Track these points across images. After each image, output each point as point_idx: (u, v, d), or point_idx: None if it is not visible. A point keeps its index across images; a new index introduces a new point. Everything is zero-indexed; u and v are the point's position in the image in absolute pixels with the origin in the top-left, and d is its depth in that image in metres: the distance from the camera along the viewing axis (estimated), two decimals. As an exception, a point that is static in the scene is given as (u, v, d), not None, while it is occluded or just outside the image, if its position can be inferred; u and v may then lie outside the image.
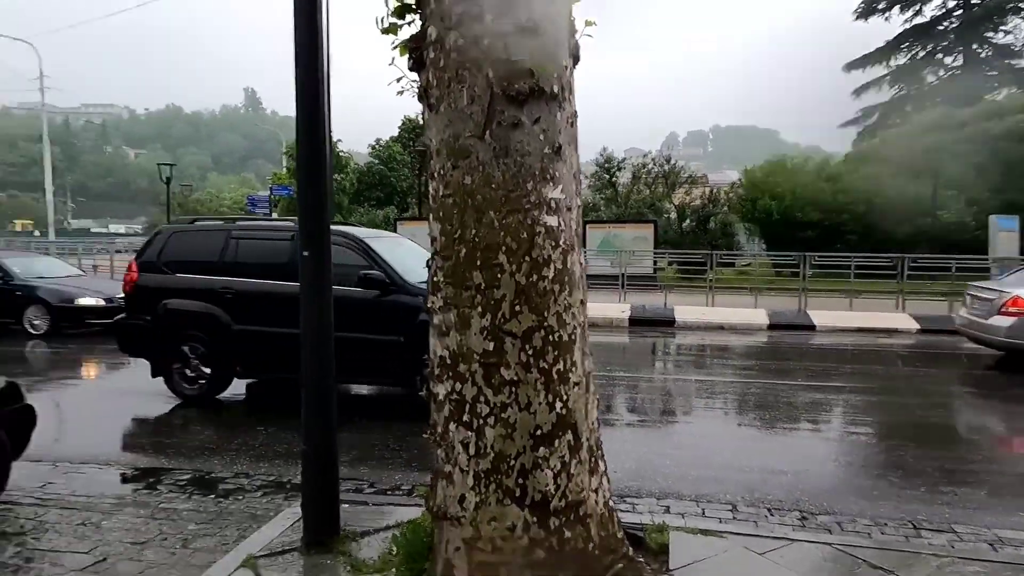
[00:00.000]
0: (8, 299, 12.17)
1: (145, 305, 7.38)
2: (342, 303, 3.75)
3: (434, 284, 2.83)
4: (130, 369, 8.89)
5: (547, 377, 2.72)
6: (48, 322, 12.03)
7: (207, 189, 72.51)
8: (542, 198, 2.68)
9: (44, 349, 11.14)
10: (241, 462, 5.36)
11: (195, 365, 7.23)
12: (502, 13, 2.54)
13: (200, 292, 7.13)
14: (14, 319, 12.14)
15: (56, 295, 12.16)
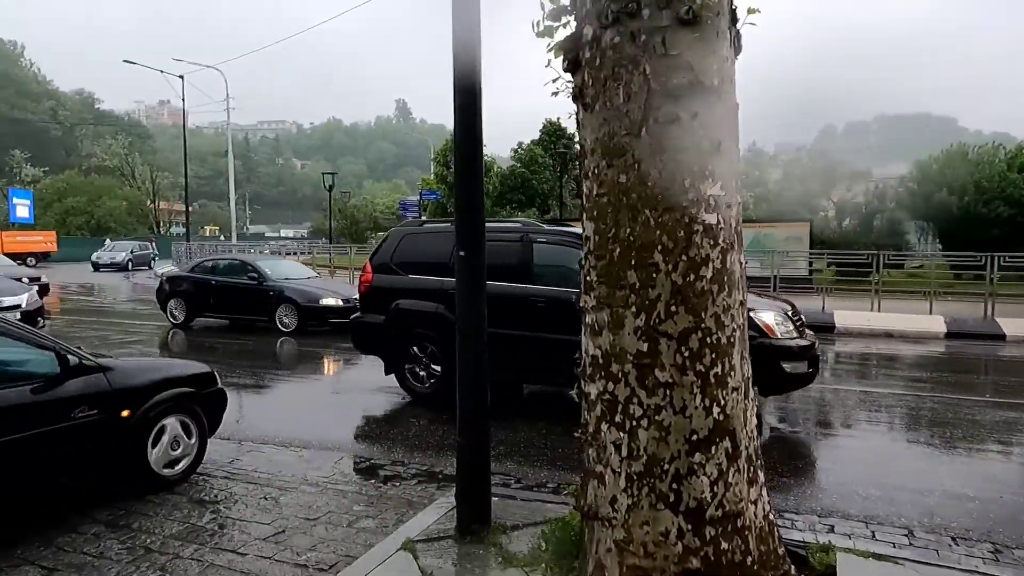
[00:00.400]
0: (262, 299, 13.31)
1: (378, 305, 7.55)
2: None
3: (587, 283, 2.83)
4: (363, 366, 9.53)
5: (704, 380, 2.63)
6: (296, 320, 12.94)
7: (363, 195, 77.86)
8: (700, 195, 2.59)
9: (292, 345, 11.96)
10: (397, 450, 5.69)
11: (425, 364, 7.35)
12: (661, 7, 2.49)
13: (431, 293, 7.17)
14: (267, 317, 13.24)
15: (303, 295, 13.07)
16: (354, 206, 55.48)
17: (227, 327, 13.96)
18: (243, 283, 13.68)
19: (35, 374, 3.85)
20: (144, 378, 4.45)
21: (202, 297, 13.96)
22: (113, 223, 61.54)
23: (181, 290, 14.18)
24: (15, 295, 11.15)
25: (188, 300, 14.04)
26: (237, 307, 13.79)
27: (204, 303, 14.01)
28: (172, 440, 4.54)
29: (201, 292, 13.96)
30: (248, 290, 13.54)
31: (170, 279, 14.79)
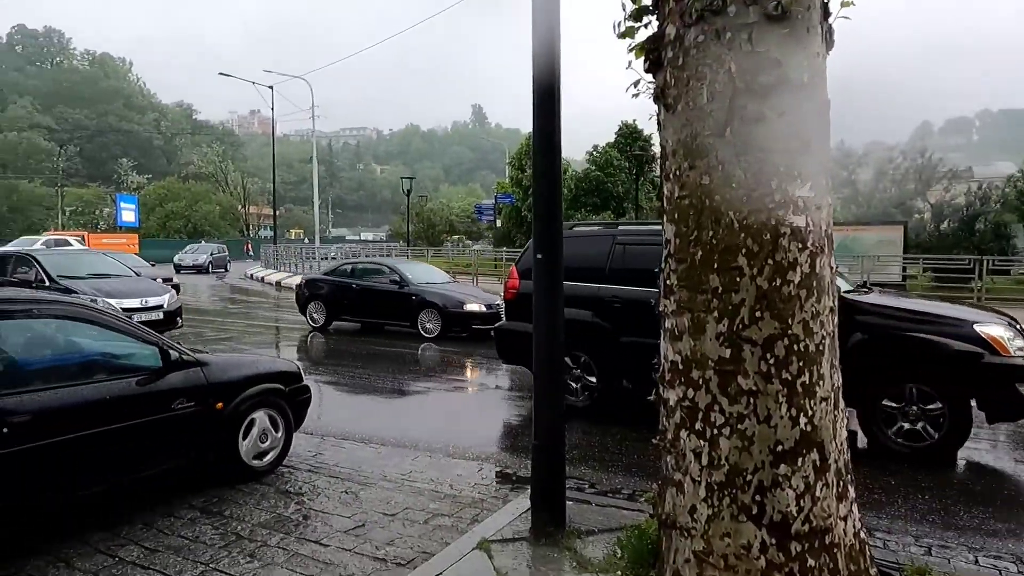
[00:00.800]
0: (405, 303, 13.06)
1: (526, 312, 7.18)
2: None
3: (666, 287, 2.78)
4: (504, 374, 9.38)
5: (790, 389, 2.52)
6: (439, 326, 12.61)
7: (439, 199, 79.46)
8: (788, 197, 2.50)
9: (434, 351, 11.74)
10: (473, 451, 5.76)
11: (579, 376, 7.03)
12: (748, 3, 2.41)
13: (584, 300, 6.78)
14: (408, 322, 13.01)
15: (446, 300, 12.74)
16: (430, 210, 56.63)
17: (367, 331, 13.84)
18: (385, 287, 13.48)
19: (140, 367, 4.13)
20: (237, 373, 4.69)
21: (342, 300, 13.87)
22: (208, 226, 65.27)
23: (321, 293, 14.13)
24: (158, 296, 11.55)
25: (328, 303, 13.97)
26: (378, 311, 13.57)
27: (344, 306, 13.91)
28: (261, 433, 4.76)
29: (341, 295, 13.88)
30: (390, 294, 13.31)
31: (309, 282, 14.76)
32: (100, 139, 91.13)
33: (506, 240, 40.96)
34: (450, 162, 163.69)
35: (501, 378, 9.30)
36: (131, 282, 12.12)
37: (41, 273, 11.23)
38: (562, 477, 3.66)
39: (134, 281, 12.32)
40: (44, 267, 11.35)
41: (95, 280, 11.53)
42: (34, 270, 11.36)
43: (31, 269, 11.41)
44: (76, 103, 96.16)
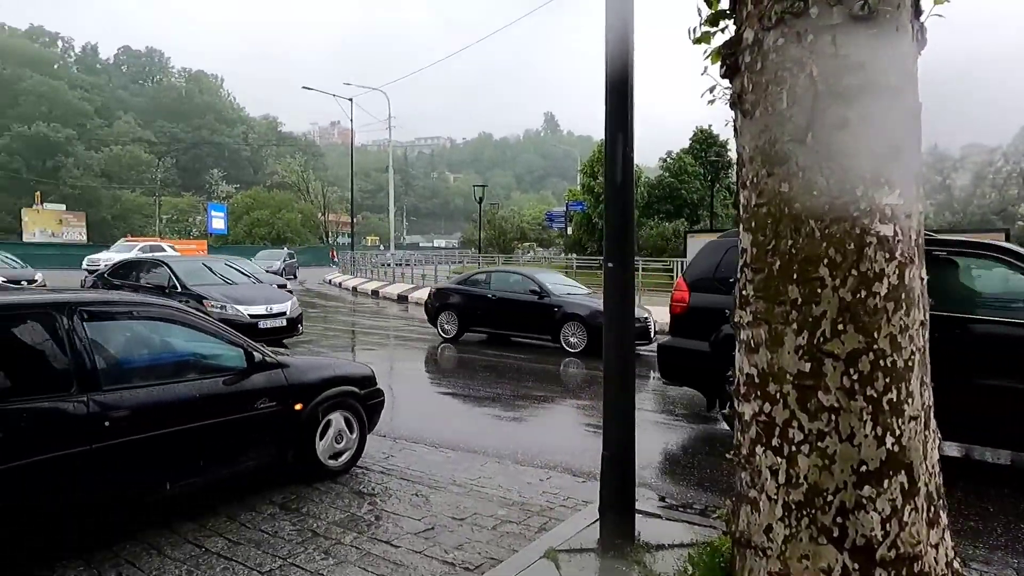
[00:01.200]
0: (546, 315, 12.18)
1: (697, 329, 6.55)
2: None
3: (742, 298, 2.70)
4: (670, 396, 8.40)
5: (875, 407, 2.40)
6: (585, 340, 11.55)
7: (511, 207, 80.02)
8: (874, 204, 2.38)
9: (580, 367, 10.71)
10: (540, 459, 5.75)
11: None
12: (831, 4, 2.33)
13: None
14: (550, 335, 12.13)
15: (592, 312, 11.49)
16: (502, 217, 57.11)
17: (502, 343, 13.01)
18: (524, 297, 12.61)
19: (226, 367, 4.35)
20: (315, 375, 4.86)
21: (475, 311, 13.19)
22: (290, 233, 68.11)
23: (452, 303, 13.50)
24: (281, 303, 11.50)
25: (460, 313, 13.32)
26: (516, 323, 12.73)
27: (477, 317, 13.23)
28: (336, 434, 4.92)
29: (475, 306, 13.19)
30: (530, 305, 12.43)
31: (439, 291, 14.06)
32: (194, 151, 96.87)
33: (577, 247, 40.80)
34: (522, 170, 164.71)
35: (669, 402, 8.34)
36: (256, 288, 12.29)
37: (174, 279, 11.47)
38: (632, 489, 3.61)
39: (258, 288, 12.50)
40: (177, 274, 11.59)
41: (223, 286, 11.72)
42: (167, 276, 11.61)
43: (165, 275, 11.67)
44: (173, 118, 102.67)
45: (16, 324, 3.54)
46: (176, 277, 11.49)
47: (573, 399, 8.86)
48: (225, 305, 10.76)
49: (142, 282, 11.90)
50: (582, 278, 21.60)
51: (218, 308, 10.67)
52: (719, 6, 2.85)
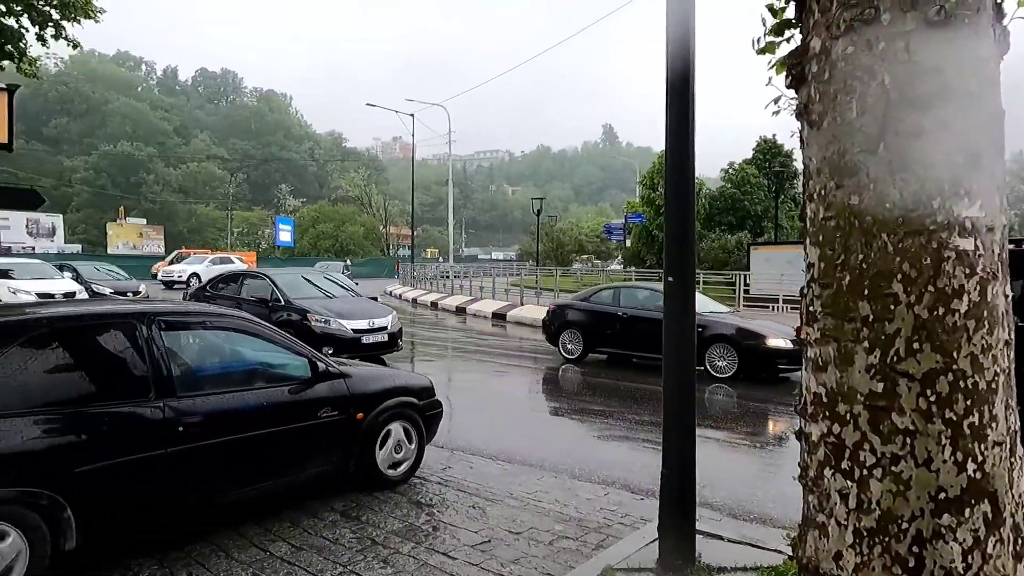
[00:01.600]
0: None
1: None
2: None
3: (809, 314, 2.60)
4: None
5: (955, 431, 2.27)
6: (735, 364, 10.27)
7: (568, 219, 79.92)
8: (953, 217, 2.26)
9: (728, 396, 9.56)
10: (600, 474, 5.68)
11: None
12: (904, 9, 2.24)
13: None
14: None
15: (740, 333, 10.45)
16: (560, 229, 57.11)
17: (635, 367, 11.71)
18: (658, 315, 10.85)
19: (292, 376, 4.50)
20: (375, 385, 4.96)
21: (603, 330, 11.97)
22: (353, 246, 69.97)
23: (576, 321, 12.40)
24: (383, 317, 11.27)
25: (585, 332, 12.20)
26: (650, 343, 10.85)
27: (604, 336, 11.99)
28: (396, 444, 5.00)
29: (602, 324, 11.98)
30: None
31: (561, 309, 12.95)
32: (264, 167, 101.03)
33: (636, 260, 40.35)
34: (580, 182, 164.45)
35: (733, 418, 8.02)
36: (357, 303, 12.01)
37: (277, 293, 11.34)
38: (692, 508, 3.52)
39: (359, 302, 12.24)
40: (280, 287, 11.43)
41: (324, 300, 11.54)
42: (269, 289, 11.47)
43: (267, 288, 11.56)
44: (245, 135, 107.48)
45: (101, 333, 3.76)
46: (279, 290, 11.37)
47: (740, 433, 7.46)
48: (328, 319, 10.56)
49: (243, 295, 11.83)
50: (641, 291, 21.34)
51: (321, 323, 10.53)
52: (784, 16, 2.78)
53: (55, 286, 16.96)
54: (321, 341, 10.09)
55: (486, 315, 21.45)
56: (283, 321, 10.57)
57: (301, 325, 10.47)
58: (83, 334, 3.75)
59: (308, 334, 10.10)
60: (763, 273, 23.09)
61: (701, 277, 20.10)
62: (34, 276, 17.56)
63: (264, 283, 11.72)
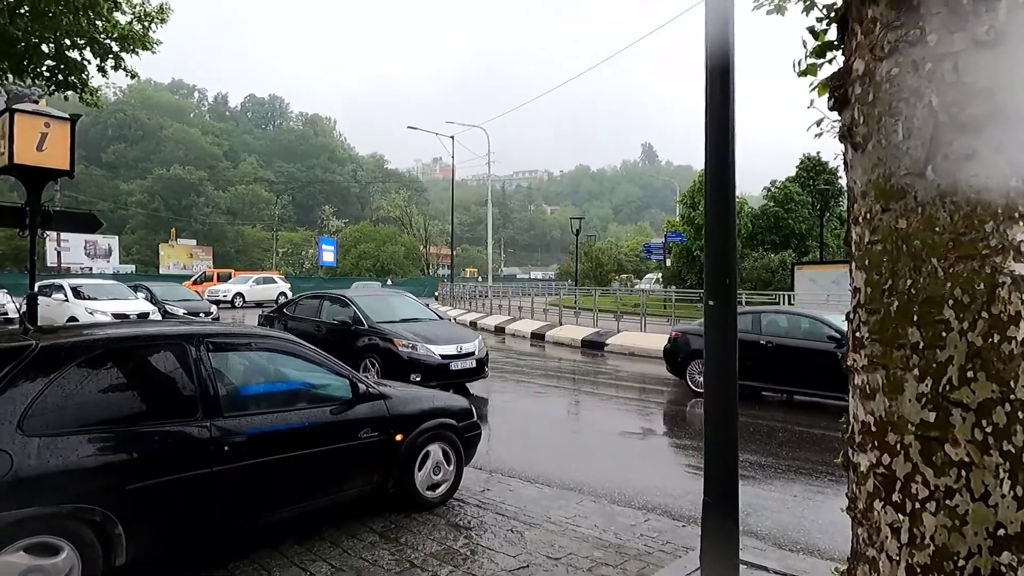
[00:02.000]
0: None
1: None
2: None
3: (856, 340, 2.54)
4: None
5: (1014, 464, 2.17)
6: None
7: (608, 238, 79.58)
8: (1007, 241, 2.19)
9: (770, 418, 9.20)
10: (640, 499, 5.59)
11: None
12: (952, 30, 2.19)
13: None
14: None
15: None
16: (599, 249, 56.87)
17: (764, 402, 10.42)
18: (815, 346, 9.80)
19: (334, 397, 4.56)
20: (415, 407, 5.00)
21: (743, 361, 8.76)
22: (393, 265, 70.94)
23: None
24: (470, 342, 10.66)
25: None
26: (802, 377, 9.89)
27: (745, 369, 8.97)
28: (435, 465, 5.01)
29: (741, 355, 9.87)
30: (825, 356, 9.46)
31: (686, 335, 11.48)
32: (308, 188, 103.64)
33: (676, 279, 39.87)
34: (619, 201, 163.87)
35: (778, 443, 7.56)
36: (443, 327, 11.41)
37: (360, 316, 10.76)
38: (735, 537, 3.42)
39: (445, 325, 11.65)
40: (363, 310, 10.86)
41: (409, 324, 10.85)
42: (352, 313, 10.91)
43: (349, 312, 10.98)
44: (291, 158, 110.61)
45: (153, 354, 3.89)
46: (362, 314, 10.79)
47: (785, 458, 7.15)
48: (415, 345, 9.97)
49: (324, 318, 11.39)
50: (681, 311, 21.06)
51: (408, 348, 9.97)
52: (825, 38, 2.75)
53: (130, 306, 17.44)
54: (408, 368, 9.69)
55: (525, 335, 21.43)
56: (367, 346, 10.27)
57: (387, 351, 10.03)
58: (135, 355, 3.89)
59: (394, 360, 9.82)
60: (808, 293, 22.57)
61: (744, 297, 19.72)
62: (110, 297, 18.12)
63: (345, 304, 11.17)
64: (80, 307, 17.00)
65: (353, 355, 10.03)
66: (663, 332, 15.54)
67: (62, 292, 17.97)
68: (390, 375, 9.30)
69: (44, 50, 12.19)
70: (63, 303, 17.52)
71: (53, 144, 7.38)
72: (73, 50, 12.40)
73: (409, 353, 9.90)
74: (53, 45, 12.18)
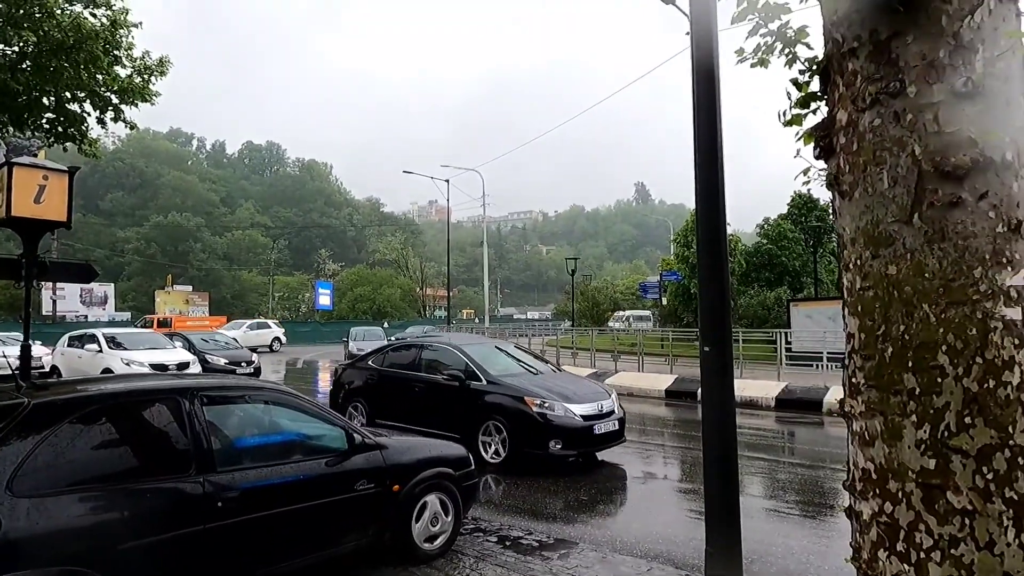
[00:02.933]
0: None
1: None
2: None
3: (852, 386, 2.53)
4: None
5: (1017, 511, 2.14)
6: None
7: (603, 277, 79.85)
8: (997, 286, 2.21)
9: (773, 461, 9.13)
10: (643, 546, 5.48)
11: None
12: (931, 82, 2.25)
13: None
14: None
15: None
16: (595, 288, 56.97)
17: None
18: None
19: (329, 448, 4.50)
20: (411, 456, 4.93)
21: None
22: (390, 308, 70.85)
23: None
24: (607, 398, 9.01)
25: None
26: None
27: None
28: (432, 516, 4.92)
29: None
30: None
31: None
32: (305, 233, 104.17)
33: (673, 318, 39.88)
34: (614, 240, 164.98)
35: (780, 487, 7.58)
36: (570, 380, 9.73)
37: (473, 367, 8.94)
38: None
39: (571, 379, 9.97)
40: (476, 361, 9.06)
41: (531, 377, 9.22)
42: (461, 363, 9.09)
43: (459, 363, 9.14)
44: (287, 203, 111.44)
45: (146, 409, 3.85)
46: (475, 365, 8.97)
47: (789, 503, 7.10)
48: (552, 403, 8.24)
49: (423, 370, 9.53)
50: (678, 350, 20.99)
51: (543, 408, 8.23)
52: (809, 89, 2.82)
53: (169, 356, 16.35)
54: (546, 433, 8.10)
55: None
56: (489, 407, 8.53)
57: (516, 412, 8.26)
58: (129, 411, 3.85)
59: (527, 424, 8.17)
60: (805, 330, 22.55)
61: (740, 335, 19.69)
62: (147, 346, 16.91)
63: (452, 355, 9.34)
64: (115, 358, 15.79)
65: (469, 418, 8.56)
66: (661, 371, 15.46)
67: (95, 343, 16.68)
68: (522, 442, 8.16)
69: (44, 103, 12.39)
70: (97, 354, 16.22)
71: (51, 196, 7.43)
72: (73, 103, 12.61)
73: (544, 413, 8.14)
74: (54, 98, 12.39)
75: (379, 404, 9.72)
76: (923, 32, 2.32)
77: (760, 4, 2.96)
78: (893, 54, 2.40)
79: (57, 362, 18.04)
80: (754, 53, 3.17)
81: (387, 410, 9.44)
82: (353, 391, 10.24)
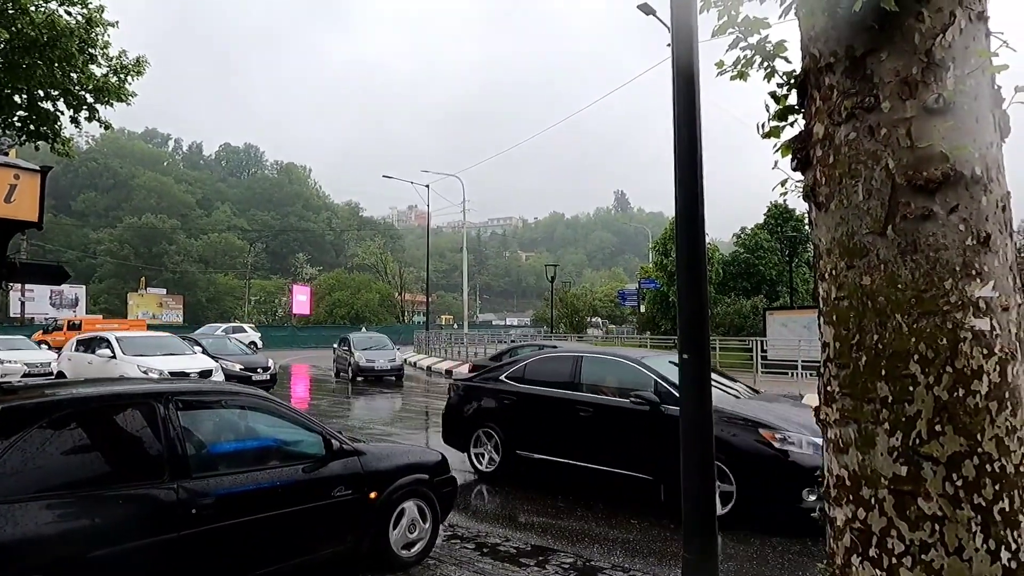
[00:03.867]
0: None
1: None
2: None
3: (827, 394, 2.58)
4: None
5: (985, 517, 2.20)
6: None
7: (583, 284, 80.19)
8: (966, 297, 2.27)
9: None
10: (617, 553, 5.50)
11: None
12: (904, 98, 2.31)
13: None
14: None
15: None
16: (574, 295, 57.15)
17: None
18: None
19: (306, 454, 4.46)
20: (389, 463, 4.90)
21: None
22: (368, 313, 70.36)
23: None
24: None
25: None
26: None
27: None
28: (410, 523, 4.89)
29: None
30: None
31: None
32: (282, 237, 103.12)
33: (651, 325, 40.16)
34: (593, 247, 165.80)
35: None
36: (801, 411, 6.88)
37: (666, 386, 6.73)
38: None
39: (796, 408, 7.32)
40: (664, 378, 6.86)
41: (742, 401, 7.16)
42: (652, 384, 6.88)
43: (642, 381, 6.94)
44: (265, 206, 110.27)
45: (119, 413, 3.78)
46: (671, 384, 6.67)
47: None
48: (797, 437, 6.13)
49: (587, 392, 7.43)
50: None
51: (784, 441, 6.14)
52: (787, 102, 2.87)
53: (189, 363, 14.92)
54: (793, 477, 5.97)
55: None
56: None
57: (749, 448, 6.17)
58: (101, 415, 3.78)
59: (769, 464, 6.08)
60: (780, 338, 22.85)
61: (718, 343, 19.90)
62: (164, 352, 15.45)
63: (630, 369, 7.25)
64: (131, 364, 14.24)
65: (668, 454, 5.50)
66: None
67: (108, 347, 15.13)
68: (758, 492, 6.10)
69: (17, 100, 12.16)
70: (109, 360, 14.70)
71: (22, 196, 7.26)
72: (47, 101, 12.39)
73: (788, 451, 6.02)
74: (26, 96, 12.16)
75: (520, 430, 7.73)
76: (897, 49, 2.39)
77: (740, 18, 3.01)
78: (868, 70, 2.47)
79: (64, 368, 16.55)
80: (734, 66, 3.22)
81: (533, 438, 7.57)
82: (481, 413, 8.15)
